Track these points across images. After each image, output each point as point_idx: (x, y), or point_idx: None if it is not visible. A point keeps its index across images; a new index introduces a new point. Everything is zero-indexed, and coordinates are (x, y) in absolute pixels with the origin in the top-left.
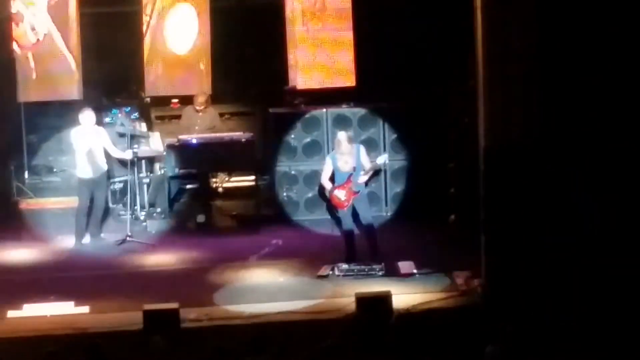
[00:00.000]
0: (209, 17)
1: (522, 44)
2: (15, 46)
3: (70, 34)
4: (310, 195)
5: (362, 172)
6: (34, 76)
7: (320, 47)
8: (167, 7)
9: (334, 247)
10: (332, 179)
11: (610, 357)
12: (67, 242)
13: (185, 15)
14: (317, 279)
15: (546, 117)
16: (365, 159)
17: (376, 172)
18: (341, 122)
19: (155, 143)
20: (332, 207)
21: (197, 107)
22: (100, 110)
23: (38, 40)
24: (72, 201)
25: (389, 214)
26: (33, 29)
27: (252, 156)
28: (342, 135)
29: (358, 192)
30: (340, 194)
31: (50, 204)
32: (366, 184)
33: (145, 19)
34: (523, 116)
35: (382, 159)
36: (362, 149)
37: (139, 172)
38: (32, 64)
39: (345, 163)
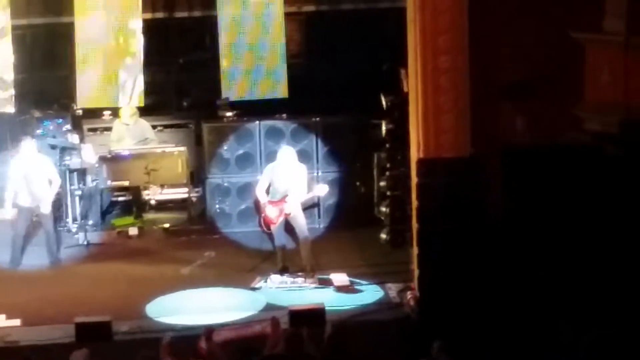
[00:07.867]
0: (141, 30)
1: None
2: None
3: None
4: (242, 207)
5: (298, 197)
6: None
7: (253, 59)
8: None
9: (267, 259)
10: (267, 191)
11: None
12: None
13: None
14: (250, 291)
15: (478, 126)
16: (305, 183)
17: (312, 204)
18: (274, 134)
19: (87, 155)
20: (263, 222)
21: (124, 121)
22: (31, 123)
23: None
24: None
25: (322, 226)
26: None
27: (185, 168)
28: (287, 151)
29: (289, 214)
30: (272, 212)
31: None
32: None
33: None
34: (455, 127)
35: (321, 189)
36: (304, 171)
37: (71, 184)
38: None
39: (283, 181)
